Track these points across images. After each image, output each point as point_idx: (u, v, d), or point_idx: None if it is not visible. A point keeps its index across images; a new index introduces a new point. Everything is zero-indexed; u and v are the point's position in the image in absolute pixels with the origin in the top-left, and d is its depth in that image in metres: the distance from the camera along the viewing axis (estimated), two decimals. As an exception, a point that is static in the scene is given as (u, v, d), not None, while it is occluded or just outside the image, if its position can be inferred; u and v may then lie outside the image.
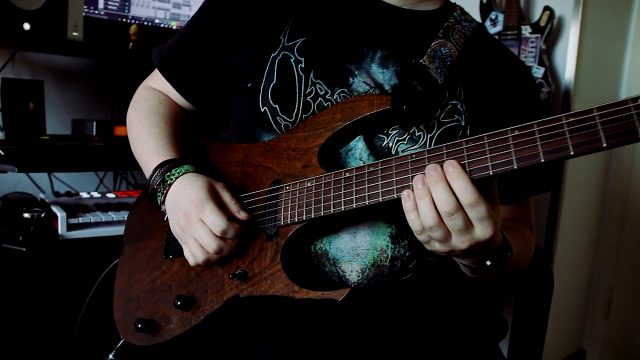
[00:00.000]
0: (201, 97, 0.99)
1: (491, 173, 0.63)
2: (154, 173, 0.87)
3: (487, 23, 2.26)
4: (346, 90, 0.83)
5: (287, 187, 0.80)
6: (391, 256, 0.81)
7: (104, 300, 0.96)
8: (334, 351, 0.65)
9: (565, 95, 2.17)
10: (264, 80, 0.85)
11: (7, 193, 1.53)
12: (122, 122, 1.72)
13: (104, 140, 1.57)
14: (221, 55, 0.91)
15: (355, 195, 0.72)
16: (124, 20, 1.88)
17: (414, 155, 0.69)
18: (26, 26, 1.57)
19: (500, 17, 2.22)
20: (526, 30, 2.16)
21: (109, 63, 2.03)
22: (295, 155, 0.82)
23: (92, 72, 2.03)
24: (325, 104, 0.83)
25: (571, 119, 0.60)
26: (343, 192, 0.74)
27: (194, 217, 0.81)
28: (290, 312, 0.71)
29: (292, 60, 0.84)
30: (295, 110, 0.84)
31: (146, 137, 0.93)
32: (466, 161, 0.65)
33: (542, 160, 0.61)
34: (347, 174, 0.74)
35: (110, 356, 0.90)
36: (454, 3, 0.95)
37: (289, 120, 0.84)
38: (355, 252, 0.81)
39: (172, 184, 0.85)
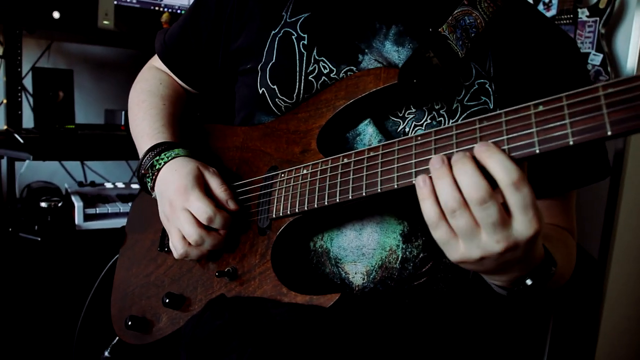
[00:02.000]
0: (203, 82, 0.93)
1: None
2: (144, 157, 0.80)
3: (541, 7, 2.10)
4: (354, 69, 0.74)
5: (282, 175, 0.72)
6: (402, 257, 0.71)
7: (108, 293, 0.92)
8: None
9: (626, 85, 1.98)
10: (263, 59, 0.77)
11: (31, 182, 1.52)
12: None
13: (130, 130, 1.55)
14: (222, 37, 0.84)
15: (352, 184, 0.62)
16: (156, 8, 1.85)
17: (419, 137, 0.58)
18: (55, 14, 1.56)
19: (555, 0, 2.06)
20: (583, 14, 1.99)
21: (142, 52, 2.01)
22: (294, 138, 0.74)
23: (125, 62, 2.02)
24: (330, 84, 0.74)
25: (610, 90, 0.49)
26: (339, 180, 0.64)
27: (178, 205, 0.73)
28: (262, 321, 0.63)
29: (293, 37, 0.76)
30: (296, 91, 0.75)
31: (142, 119, 0.88)
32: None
33: (571, 143, 0.49)
34: (345, 160, 0.65)
35: (106, 353, 0.85)
36: None
37: (289, 101, 0.76)
38: (360, 251, 0.71)
39: (160, 168, 0.78)
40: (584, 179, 0.78)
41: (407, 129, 0.72)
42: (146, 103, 0.89)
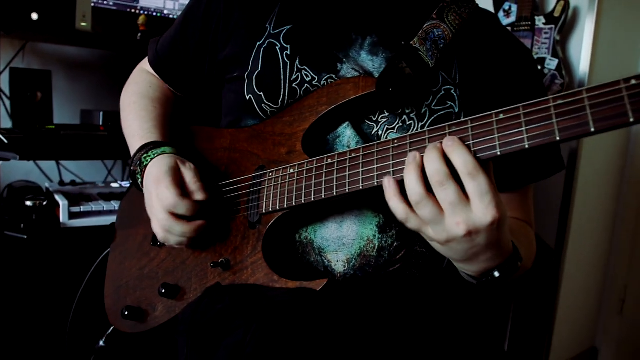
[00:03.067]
0: (191, 88, 1.00)
1: (499, 152, 0.59)
2: (135, 155, 0.87)
3: (501, 14, 2.22)
4: (334, 76, 0.81)
5: (270, 174, 0.79)
6: (378, 246, 0.79)
7: (98, 287, 0.97)
8: (301, 341, 0.63)
9: (580, 87, 2.11)
10: (249, 68, 0.84)
11: (13, 181, 1.55)
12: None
13: (110, 130, 1.58)
14: (209, 47, 0.90)
15: (336, 182, 0.70)
16: (133, 10, 1.89)
17: (395, 141, 0.67)
18: (34, 16, 1.58)
19: (514, 7, 2.18)
20: (540, 21, 2.11)
21: (118, 54, 2.04)
22: (280, 140, 0.81)
23: (101, 63, 2.04)
24: (312, 90, 0.82)
25: (559, 102, 0.58)
26: (324, 179, 0.72)
27: (153, 194, 0.80)
28: (262, 302, 0.70)
29: (277, 47, 0.83)
30: (281, 97, 0.82)
31: (133, 120, 0.94)
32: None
33: (527, 147, 0.58)
34: (329, 160, 0.72)
35: (101, 343, 0.91)
36: None
37: (274, 107, 0.83)
38: (341, 241, 0.79)
39: (147, 165, 0.84)
40: (540, 174, 0.88)
41: (380, 132, 0.81)
42: (137, 105, 0.95)
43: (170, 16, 1.96)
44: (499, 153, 0.59)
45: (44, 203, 1.29)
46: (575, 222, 2.19)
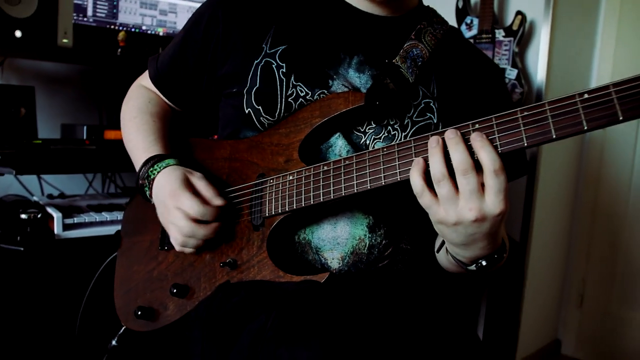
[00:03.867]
0: (190, 103, 1.07)
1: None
2: (141, 168, 0.94)
3: (463, 27, 2.35)
4: (326, 91, 0.90)
5: (271, 181, 0.87)
6: (369, 244, 0.88)
7: (103, 292, 1.03)
8: (315, 324, 0.72)
9: (537, 96, 2.27)
10: (248, 84, 0.92)
11: (2, 195, 1.58)
12: (112, 126, 1.79)
13: (96, 144, 1.63)
14: (208, 64, 0.98)
15: (333, 187, 0.79)
16: (112, 27, 1.94)
17: (385, 149, 0.76)
18: (18, 33, 1.62)
19: (475, 21, 2.32)
20: (500, 34, 2.26)
21: (96, 69, 2.08)
22: (277, 150, 0.90)
23: (79, 78, 2.08)
24: (306, 104, 0.90)
25: (525, 113, 0.68)
26: (322, 184, 0.81)
27: (171, 206, 0.87)
28: (277, 293, 0.79)
29: (273, 65, 0.91)
30: (278, 111, 0.91)
31: (135, 134, 1.01)
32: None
33: (499, 151, 0.68)
34: (325, 167, 0.81)
35: (113, 342, 0.97)
36: (427, 6, 1.02)
37: (272, 119, 0.92)
38: (335, 241, 0.88)
39: (154, 178, 0.91)
40: (510, 175, 0.99)
41: (368, 142, 0.90)
42: (138, 119, 1.02)
43: (149, 32, 2.02)
44: (474, 158, 0.69)
45: (39, 216, 1.33)
46: (537, 221, 2.34)
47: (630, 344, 2.44)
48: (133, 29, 1.98)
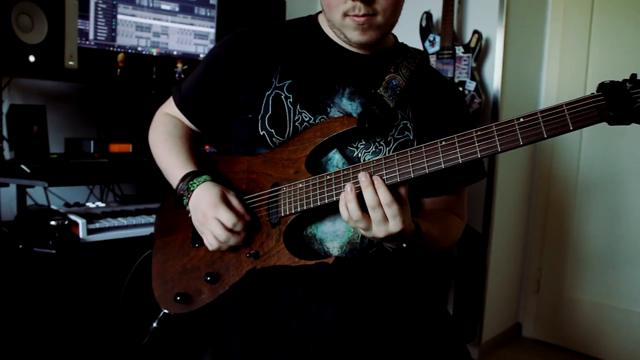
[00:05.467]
0: (209, 126, 1.28)
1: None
2: (180, 182, 1.15)
3: (427, 44, 2.62)
4: (325, 116, 1.13)
5: (284, 188, 1.10)
6: (361, 236, 1.11)
7: (138, 285, 1.23)
8: (333, 290, 0.95)
9: (494, 104, 2.55)
10: (261, 111, 1.14)
11: (28, 205, 1.74)
12: (115, 140, 1.97)
13: (104, 157, 1.82)
14: (225, 95, 1.19)
15: (335, 192, 1.02)
16: (111, 48, 2.12)
17: (374, 161, 0.98)
18: (31, 58, 1.79)
19: (437, 39, 2.58)
20: (459, 50, 2.53)
21: (96, 87, 2.26)
22: (288, 164, 1.12)
23: (80, 95, 2.25)
24: (310, 126, 1.13)
25: (479, 132, 0.92)
26: (326, 189, 1.04)
27: (210, 216, 1.09)
28: (299, 272, 1.02)
29: (282, 96, 1.14)
30: (287, 132, 1.13)
31: (168, 154, 1.22)
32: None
33: (460, 162, 0.92)
34: (327, 177, 1.04)
35: (154, 325, 1.17)
36: (401, 43, 1.25)
37: (282, 139, 1.14)
38: (335, 234, 1.11)
39: (194, 190, 1.13)
40: (468, 180, 1.24)
41: (359, 155, 1.13)
42: (168, 142, 1.23)
43: (143, 52, 2.21)
44: (443, 166, 0.93)
45: (66, 222, 1.52)
46: (497, 217, 2.61)
47: (582, 324, 2.73)
48: (130, 50, 2.17)
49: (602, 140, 2.65)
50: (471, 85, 2.50)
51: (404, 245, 1.02)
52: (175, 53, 2.28)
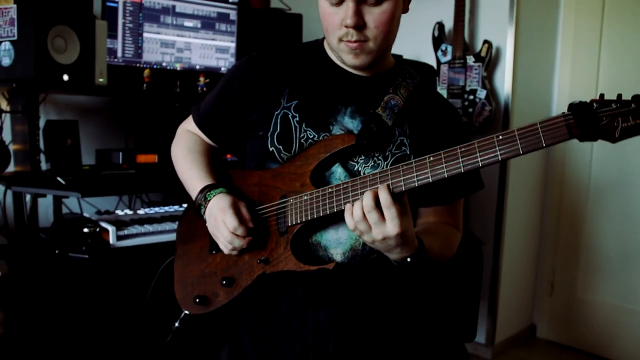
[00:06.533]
0: (225, 141, 1.40)
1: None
2: (199, 194, 1.27)
3: (439, 53, 2.70)
4: (328, 134, 1.24)
5: (292, 200, 1.21)
6: (362, 242, 1.21)
7: (161, 288, 1.36)
8: (330, 295, 1.05)
9: (505, 112, 2.62)
10: (270, 129, 1.26)
11: (64, 214, 1.90)
12: (142, 151, 2.11)
13: (132, 168, 1.96)
14: (239, 113, 1.31)
15: (336, 203, 1.13)
16: (138, 65, 2.27)
17: (370, 176, 1.08)
18: (65, 77, 1.93)
19: (449, 48, 2.66)
20: (470, 60, 2.60)
21: (124, 100, 2.41)
22: (295, 177, 1.23)
23: (109, 109, 2.41)
24: (314, 143, 1.24)
25: (463, 149, 1.02)
26: (328, 201, 1.14)
27: (219, 220, 1.21)
28: (301, 277, 1.13)
29: (289, 115, 1.25)
30: (294, 149, 1.24)
31: (189, 168, 1.34)
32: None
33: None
34: (330, 190, 1.15)
35: (176, 324, 1.30)
36: (403, 63, 1.34)
37: (289, 155, 1.25)
38: (338, 241, 1.21)
39: (210, 200, 1.25)
40: (464, 192, 1.33)
41: (360, 169, 1.23)
42: (189, 157, 1.35)
43: (168, 67, 2.35)
44: (430, 180, 1.03)
45: (97, 230, 1.66)
46: (509, 221, 2.68)
47: (595, 326, 2.78)
48: (155, 66, 2.31)
49: (613, 144, 2.69)
50: (482, 94, 2.58)
51: (408, 259, 1.09)
52: (197, 67, 2.42)
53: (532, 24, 2.65)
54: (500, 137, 0.99)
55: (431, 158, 1.04)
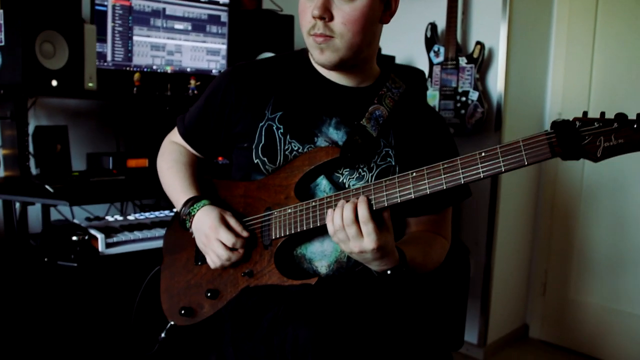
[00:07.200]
0: (211, 152, 1.39)
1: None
2: (182, 207, 1.27)
3: (431, 54, 2.69)
4: (313, 145, 1.23)
5: (276, 213, 1.21)
6: (347, 255, 1.21)
7: (149, 298, 1.36)
8: (310, 312, 1.05)
9: (497, 113, 2.62)
10: (255, 141, 1.25)
11: (53, 221, 1.89)
12: (132, 155, 2.10)
13: (122, 173, 1.96)
14: (224, 124, 1.30)
15: (319, 217, 1.13)
16: (128, 68, 2.26)
17: (354, 190, 1.09)
18: (54, 83, 1.92)
19: (442, 49, 2.66)
20: (463, 61, 2.60)
21: (114, 104, 2.41)
22: (279, 190, 1.23)
23: (100, 112, 2.40)
24: (299, 155, 1.23)
25: (445, 165, 1.02)
26: (311, 214, 1.14)
27: (212, 237, 1.21)
28: (283, 293, 1.13)
29: (274, 127, 1.24)
30: (278, 161, 1.24)
31: (173, 180, 1.34)
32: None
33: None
34: (313, 203, 1.15)
35: (162, 335, 1.30)
36: (389, 71, 1.34)
37: (274, 166, 1.25)
38: (323, 253, 1.21)
39: (194, 214, 1.25)
40: (451, 201, 1.33)
41: (345, 181, 1.23)
42: (173, 168, 1.35)
43: (159, 70, 2.34)
44: (413, 196, 1.03)
45: (86, 237, 1.66)
46: (501, 223, 2.69)
47: (587, 326, 2.79)
48: (145, 69, 2.30)
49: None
50: (474, 95, 2.57)
51: (388, 272, 1.10)
52: (188, 70, 2.41)
53: (525, 24, 2.65)
54: (483, 154, 0.99)
55: (414, 174, 1.04)
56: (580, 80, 2.73)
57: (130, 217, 1.93)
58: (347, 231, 1.03)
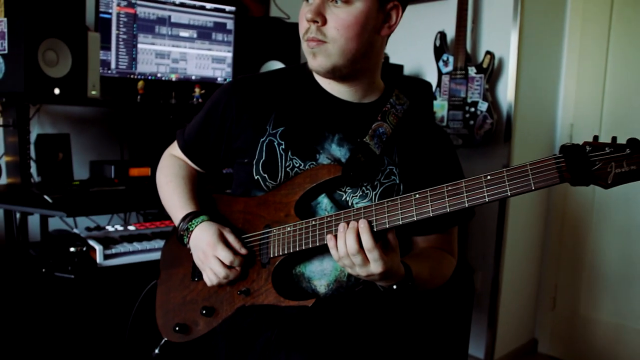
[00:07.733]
0: (211, 166, 1.36)
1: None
2: (180, 222, 1.24)
3: (440, 63, 2.65)
4: (314, 163, 1.20)
5: (275, 231, 1.17)
6: (347, 274, 1.17)
7: (144, 312, 1.32)
8: (304, 337, 1.02)
9: (507, 125, 2.57)
10: (256, 157, 1.22)
11: (51, 230, 1.87)
12: (135, 164, 2.08)
13: (123, 183, 1.94)
14: (225, 139, 1.27)
15: (319, 237, 1.09)
16: (132, 76, 2.24)
17: (355, 210, 1.05)
18: (56, 91, 1.90)
19: (451, 59, 2.61)
20: (472, 71, 2.55)
21: (119, 111, 2.39)
22: (279, 207, 1.19)
23: (104, 120, 2.38)
24: (300, 172, 1.20)
25: (449, 188, 0.98)
26: (310, 234, 1.11)
27: (209, 254, 1.17)
28: (278, 315, 1.09)
29: (275, 143, 1.21)
30: (279, 177, 1.20)
31: (172, 195, 1.31)
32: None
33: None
34: (313, 222, 1.11)
35: (156, 351, 1.27)
36: (393, 87, 1.30)
37: (274, 183, 1.21)
38: (323, 272, 1.18)
39: (192, 230, 1.22)
40: (456, 221, 1.29)
41: (347, 199, 1.19)
42: (173, 183, 1.32)
43: (163, 78, 2.31)
44: (415, 218, 1.00)
45: (84, 249, 1.63)
46: (510, 234, 2.63)
47: (597, 343, 2.73)
48: (150, 77, 2.28)
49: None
50: (483, 106, 2.52)
51: (394, 287, 1.07)
52: (193, 78, 2.39)
53: (536, 33, 2.60)
54: (489, 177, 0.95)
55: (417, 196, 1.00)
56: (592, 91, 2.68)
57: (131, 228, 1.90)
58: (352, 259, 1.01)
